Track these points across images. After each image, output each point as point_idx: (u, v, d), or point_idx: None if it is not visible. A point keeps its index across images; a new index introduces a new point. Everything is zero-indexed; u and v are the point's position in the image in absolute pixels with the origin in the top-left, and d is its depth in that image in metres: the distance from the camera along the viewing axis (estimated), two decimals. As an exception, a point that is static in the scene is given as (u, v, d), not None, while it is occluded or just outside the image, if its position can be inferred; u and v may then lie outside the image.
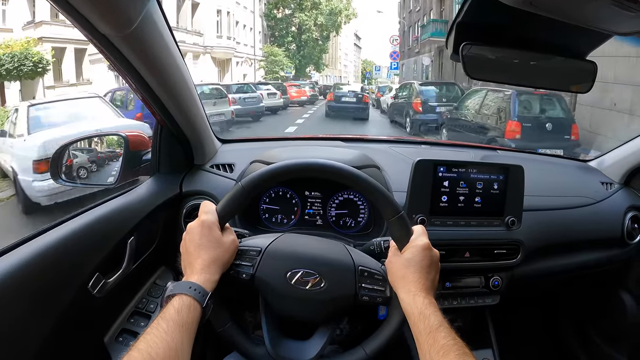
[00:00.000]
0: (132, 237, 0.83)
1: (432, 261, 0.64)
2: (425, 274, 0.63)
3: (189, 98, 0.88)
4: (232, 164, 1.08)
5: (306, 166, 0.69)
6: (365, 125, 11.36)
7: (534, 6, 0.53)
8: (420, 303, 0.59)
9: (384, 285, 0.66)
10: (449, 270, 0.99)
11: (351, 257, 0.68)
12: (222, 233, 0.65)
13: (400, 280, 0.63)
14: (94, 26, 0.58)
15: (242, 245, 0.68)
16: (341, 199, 1.02)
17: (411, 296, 0.60)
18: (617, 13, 0.51)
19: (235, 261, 0.66)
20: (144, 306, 0.89)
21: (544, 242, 1.07)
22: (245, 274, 0.65)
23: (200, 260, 0.61)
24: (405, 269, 0.63)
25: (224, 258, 0.63)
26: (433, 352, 0.54)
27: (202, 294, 0.57)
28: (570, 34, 0.68)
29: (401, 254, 0.65)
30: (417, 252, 0.63)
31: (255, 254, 0.67)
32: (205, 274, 0.60)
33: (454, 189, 0.97)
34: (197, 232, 0.63)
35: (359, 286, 0.65)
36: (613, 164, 1.30)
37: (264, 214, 1.03)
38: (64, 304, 0.67)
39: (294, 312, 0.68)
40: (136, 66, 0.71)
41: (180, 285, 0.58)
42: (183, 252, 0.65)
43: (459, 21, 0.65)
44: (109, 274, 0.77)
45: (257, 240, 0.70)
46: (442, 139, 6.96)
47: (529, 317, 1.49)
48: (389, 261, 0.67)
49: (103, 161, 1.07)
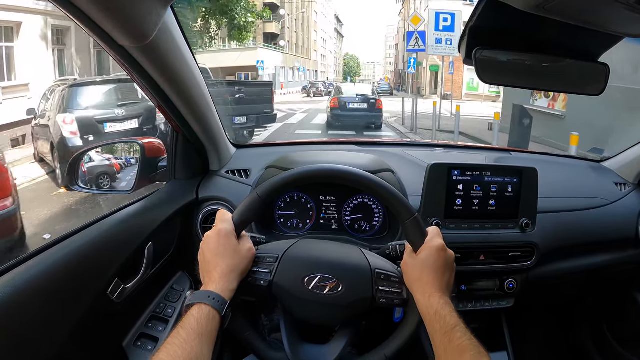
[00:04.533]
0: (150, 243, 0.83)
1: (447, 262, 0.64)
2: (440, 275, 0.63)
3: (204, 105, 0.89)
4: (248, 169, 1.08)
5: (319, 172, 0.70)
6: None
7: (547, 10, 0.52)
8: (436, 303, 0.59)
9: (400, 288, 0.66)
10: (464, 273, 0.98)
11: (367, 260, 0.68)
12: (239, 241, 0.65)
13: (416, 281, 0.63)
14: (113, 38, 0.59)
15: (259, 252, 0.68)
16: (356, 203, 1.02)
17: (427, 297, 0.60)
18: (630, 16, 0.51)
19: (252, 268, 0.66)
20: (161, 311, 0.90)
21: (558, 244, 1.06)
22: (263, 281, 0.65)
23: (219, 269, 0.61)
24: (420, 271, 0.63)
25: (242, 266, 0.63)
26: (449, 352, 0.54)
27: (221, 303, 0.57)
28: (582, 36, 0.66)
29: (416, 255, 0.65)
30: (432, 253, 0.64)
31: (272, 260, 0.67)
32: (224, 282, 0.60)
33: (468, 192, 0.96)
34: (214, 241, 0.63)
35: (375, 289, 0.65)
36: (627, 164, 1.27)
37: (280, 219, 1.03)
38: (84, 310, 0.68)
39: (312, 316, 0.68)
40: (153, 76, 0.72)
41: (200, 294, 0.58)
42: (201, 261, 0.65)
43: (472, 25, 0.64)
44: (127, 279, 0.78)
45: (273, 247, 0.70)
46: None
47: (544, 320, 1.47)
48: (404, 263, 0.67)
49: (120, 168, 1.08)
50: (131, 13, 0.55)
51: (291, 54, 31.33)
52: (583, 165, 1.36)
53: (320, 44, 44.14)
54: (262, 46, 26.20)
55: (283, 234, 1.02)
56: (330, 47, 52.58)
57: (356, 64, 78.75)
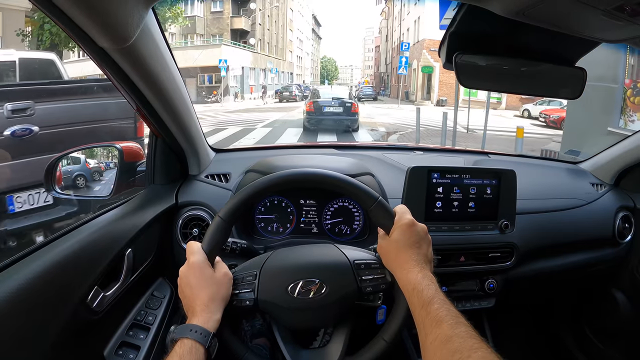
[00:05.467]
0: (129, 250, 0.89)
1: (420, 236, 0.71)
2: (416, 250, 0.70)
3: (184, 109, 0.96)
4: (228, 173, 1.17)
5: (277, 180, 0.76)
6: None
7: (526, 16, 0.61)
8: (413, 278, 0.65)
9: (382, 272, 0.74)
10: (445, 274, 1.09)
11: (344, 254, 0.76)
12: (214, 268, 0.71)
13: (394, 261, 0.70)
14: (93, 40, 0.63)
15: (236, 274, 0.74)
16: (336, 206, 1.12)
17: (405, 273, 0.67)
18: (607, 23, 0.59)
19: (234, 291, 0.72)
20: (142, 318, 0.94)
21: (537, 245, 1.19)
22: (248, 301, 0.71)
23: (199, 302, 0.67)
24: (396, 250, 0.70)
25: (221, 293, 0.69)
26: (427, 324, 0.59)
27: (204, 335, 0.63)
28: (560, 41, 0.77)
29: (389, 237, 0.72)
30: (403, 231, 0.71)
31: (251, 278, 0.73)
32: (206, 313, 0.66)
33: (448, 194, 1.07)
34: (188, 275, 0.69)
35: (359, 279, 0.73)
36: (603, 166, 1.45)
37: (260, 223, 1.12)
38: (63, 320, 0.71)
39: (305, 323, 0.74)
40: (133, 78, 0.77)
41: (182, 329, 0.64)
42: (182, 298, 0.70)
43: (452, 31, 0.74)
44: (107, 287, 0.82)
45: (249, 265, 0.76)
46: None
47: (525, 319, 1.62)
48: (379, 247, 0.75)
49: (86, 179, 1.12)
50: (113, 14, 0.59)
51: (263, 53, 30.74)
52: (560, 167, 1.54)
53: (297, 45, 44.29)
54: (228, 43, 25.37)
55: (264, 239, 1.11)
56: (307, 49, 52.76)
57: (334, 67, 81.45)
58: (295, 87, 25.89)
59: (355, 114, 10.63)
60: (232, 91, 23.72)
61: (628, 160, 1.36)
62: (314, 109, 10.47)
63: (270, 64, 31.22)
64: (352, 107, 10.56)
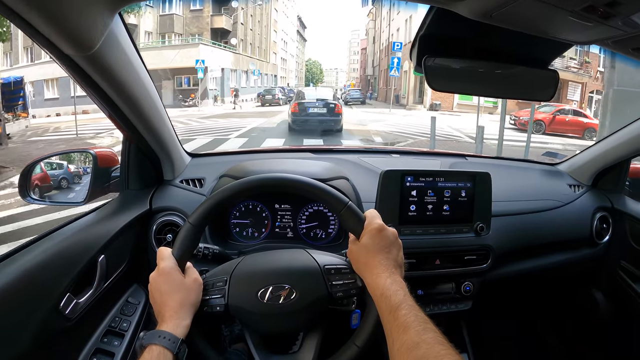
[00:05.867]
0: (102, 256, 0.92)
1: (389, 240, 0.74)
2: (385, 255, 0.72)
3: (155, 114, 0.99)
4: (202, 178, 1.22)
5: (245, 186, 0.79)
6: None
7: (494, 19, 0.63)
8: (382, 284, 0.68)
9: (353, 277, 0.77)
10: (421, 277, 1.15)
11: (314, 259, 0.79)
12: (185, 274, 0.74)
13: (364, 266, 0.73)
14: (57, 47, 0.64)
15: (206, 279, 0.77)
16: (311, 210, 1.18)
17: (374, 278, 0.70)
18: (576, 24, 0.62)
19: (204, 297, 0.75)
20: (117, 325, 0.97)
21: (513, 246, 1.26)
22: (218, 306, 0.74)
23: (168, 308, 0.70)
24: (366, 255, 0.73)
25: (191, 299, 0.72)
26: (394, 330, 0.61)
27: (173, 341, 0.65)
28: (531, 44, 0.81)
29: (359, 241, 0.75)
30: (372, 235, 0.74)
31: (222, 284, 0.76)
32: (175, 319, 0.69)
33: (422, 198, 1.13)
34: (158, 281, 0.72)
35: (329, 284, 0.76)
36: (580, 167, 1.53)
37: (235, 228, 1.17)
38: (35, 328, 0.73)
39: (276, 328, 0.77)
40: (102, 85, 0.79)
41: (150, 335, 0.66)
42: (152, 303, 0.73)
43: (422, 34, 0.78)
44: (80, 294, 0.85)
45: (219, 270, 0.79)
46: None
47: (503, 320, 1.69)
48: (350, 251, 0.77)
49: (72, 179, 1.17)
50: (74, 21, 0.60)
51: (245, 54, 30.60)
52: (537, 169, 1.62)
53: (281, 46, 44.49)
54: (207, 43, 24.74)
55: (239, 244, 1.16)
56: (292, 51, 53.28)
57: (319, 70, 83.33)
58: (278, 90, 25.65)
59: (339, 115, 11.36)
60: (211, 94, 23.45)
61: (605, 162, 1.45)
62: (299, 109, 11.27)
63: (252, 65, 30.97)
64: (336, 107, 11.31)
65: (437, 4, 0.66)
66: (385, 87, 32.36)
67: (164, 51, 22.11)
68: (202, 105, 21.29)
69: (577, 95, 20.28)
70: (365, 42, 53.59)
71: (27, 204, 2.50)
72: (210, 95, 23.30)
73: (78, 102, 12.38)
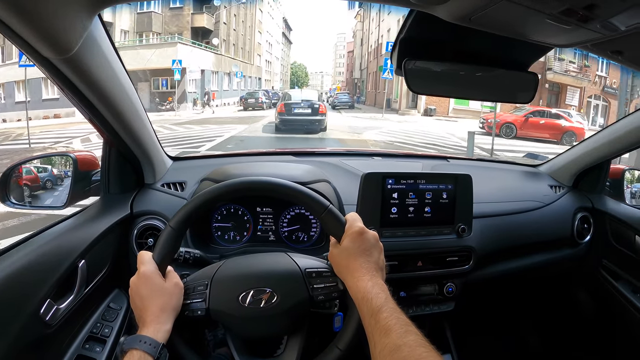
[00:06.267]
0: (82, 261, 0.94)
1: (370, 243, 0.78)
2: (366, 258, 0.76)
3: (135, 117, 1.03)
4: (184, 182, 1.26)
5: (226, 189, 0.82)
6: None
7: (473, 22, 0.67)
8: (363, 287, 0.71)
9: (334, 280, 0.81)
10: (403, 279, 1.22)
11: (295, 262, 0.83)
12: (166, 278, 0.77)
13: (345, 269, 0.76)
14: (36, 49, 0.67)
15: (187, 283, 0.80)
16: (292, 214, 1.23)
17: (355, 281, 0.73)
18: (555, 27, 0.65)
19: (185, 301, 0.78)
20: (98, 331, 1.00)
21: (495, 247, 1.33)
22: (199, 311, 0.77)
23: (149, 312, 0.72)
24: (347, 258, 0.76)
25: (171, 303, 0.75)
26: (375, 333, 0.64)
27: (153, 346, 0.68)
28: (511, 47, 0.87)
29: (340, 244, 0.78)
30: (353, 239, 0.77)
31: (203, 288, 0.79)
32: (156, 324, 0.71)
33: (403, 200, 1.19)
34: (139, 285, 0.75)
35: (311, 288, 0.80)
36: (561, 168, 1.63)
37: (217, 231, 1.22)
38: (15, 334, 0.75)
39: (257, 332, 0.81)
40: (81, 88, 0.82)
41: (131, 339, 0.69)
42: (133, 308, 0.76)
43: (402, 37, 0.83)
44: (60, 299, 0.88)
45: (201, 274, 0.82)
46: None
47: (488, 320, 1.77)
48: (330, 255, 0.81)
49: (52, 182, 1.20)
50: (52, 24, 0.62)
51: (228, 55, 30.29)
52: (519, 170, 1.71)
53: (266, 48, 44.47)
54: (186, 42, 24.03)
55: (221, 247, 1.20)
56: (277, 53, 54.10)
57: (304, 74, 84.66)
58: (262, 93, 25.36)
59: (323, 115, 12.70)
60: (190, 97, 22.97)
61: (586, 163, 1.53)
62: (285, 109, 12.48)
63: (235, 67, 30.68)
64: (320, 108, 12.63)
65: (416, 7, 0.70)
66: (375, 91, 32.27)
67: (140, 51, 21.53)
68: (179, 109, 20.80)
69: (576, 100, 20.48)
70: (352, 45, 54.21)
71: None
72: (189, 98, 22.85)
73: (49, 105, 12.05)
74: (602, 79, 20.45)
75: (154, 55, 21.23)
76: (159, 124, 14.41)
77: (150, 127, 1.14)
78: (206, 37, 27.68)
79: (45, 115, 14.90)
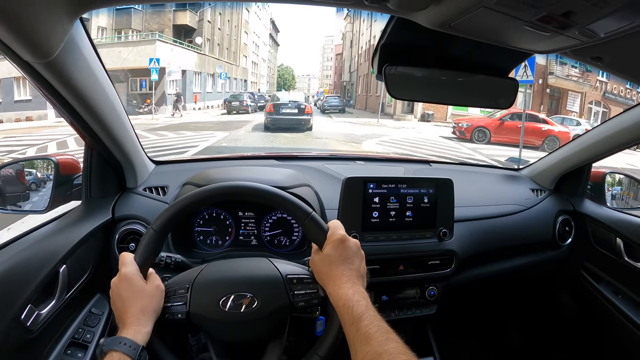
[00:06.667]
0: (63, 266, 0.97)
1: (352, 251, 0.81)
2: (348, 265, 0.79)
3: (117, 121, 1.07)
4: (165, 186, 1.31)
5: (210, 192, 0.86)
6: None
7: (452, 28, 0.70)
8: (344, 295, 0.74)
9: (315, 287, 0.84)
10: (385, 283, 1.28)
11: (277, 268, 0.86)
12: (147, 280, 0.81)
13: (326, 277, 0.80)
14: (16, 53, 0.69)
15: (168, 286, 0.83)
16: (275, 218, 1.28)
17: (336, 289, 0.76)
18: (533, 34, 0.68)
19: (166, 304, 0.81)
20: (80, 336, 1.03)
21: (477, 251, 1.40)
22: (180, 314, 0.81)
23: (129, 314, 0.75)
24: (328, 265, 0.80)
25: (152, 306, 0.78)
26: (356, 341, 0.67)
27: (133, 348, 0.71)
28: (491, 53, 0.91)
29: (322, 252, 0.82)
30: (335, 246, 0.81)
31: (184, 291, 0.82)
32: (136, 326, 0.74)
33: (384, 204, 1.25)
34: (120, 286, 0.78)
35: (291, 294, 0.83)
36: (542, 172, 1.72)
37: (199, 236, 1.26)
38: None
39: (237, 336, 0.85)
40: (62, 92, 0.86)
41: (111, 341, 0.71)
42: (114, 309, 0.79)
43: (383, 43, 0.89)
44: (41, 305, 0.91)
45: (182, 278, 0.86)
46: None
47: (471, 323, 1.85)
48: (312, 261, 0.84)
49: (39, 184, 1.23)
50: (33, 28, 0.64)
51: (212, 56, 29.70)
52: (501, 174, 1.80)
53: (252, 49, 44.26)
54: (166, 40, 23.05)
55: (203, 252, 1.25)
56: (264, 55, 53.83)
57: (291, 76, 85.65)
58: (247, 95, 24.67)
59: (309, 114, 14.49)
60: (170, 100, 21.85)
61: (567, 166, 1.63)
62: (274, 109, 14.29)
63: (219, 68, 29.75)
64: (306, 108, 14.49)
65: (395, 13, 0.73)
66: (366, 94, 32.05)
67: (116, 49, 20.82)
68: (158, 112, 19.99)
69: (577, 106, 20.68)
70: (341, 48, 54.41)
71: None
72: (169, 101, 21.86)
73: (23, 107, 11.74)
74: (603, 85, 20.66)
75: (131, 54, 20.70)
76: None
77: (132, 130, 1.18)
78: (189, 36, 26.96)
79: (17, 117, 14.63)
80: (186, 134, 12.95)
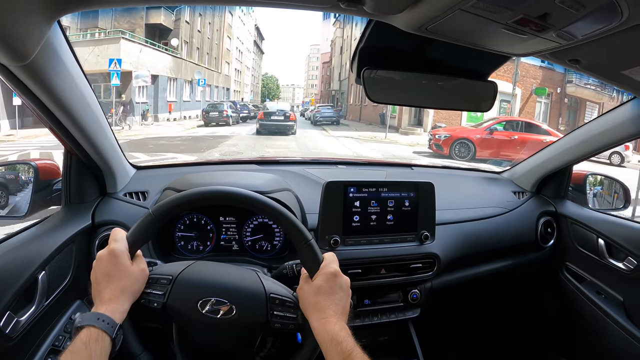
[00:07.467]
0: (43, 272, 1.03)
1: (341, 287, 0.87)
2: (335, 300, 0.85)
3: (96, 126, 1.14)
4: (146, 191, 1.40)
5: (218, 193, 0.92)
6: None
7: (430, 32, 0.75)
8: (331, 329, 0.79)
9: (295, 313, 0.88)
10: (367, 287, 1.37)
11: (262, 284, 0.91)
12: (133, 261, 0.85)
13: (312, 307, 0.84)
14: None
15: (152, 273, 0.88)
16: (256, 223, 1.38)
17: (322, 323, 0.81)
18: (511, 37, 0.73)
19: (146, 290, 0.85)
20: (61, 343, 1.07)
21: (460, 253, 1.52)
22: (156, 303, 0.85)
23: (109, 290, 0.80)
24: (316, 297, 0.85)
25: (133, 287, 0.83)
26: None
27: (111, 325, 0.75)
28: (470, 56, 1.00)
29: (312, 281, 0.87)
30: (326, 279, 0.86)
31: (166, 282, 0.87)
32: (114, 304, 0.78)
33: (365, 208, 1.36)
34: (106, 261, 0.82)
35: (270, 313, 0.87)
36: (524, 174, 1.86)
37: (180, 241, 1.35)
38: None
39: (207, 340, 0.90)
40: (39, 96, 0.91)
41: (88, 316, 0.75)
42: (93, 281, 0.83)
43: (362, 46, 0.96)
44: (21, 312, 0.96)
45: (168, 269, 0.91)
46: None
47: (455, 325, 1.97)
48: (300, 289, 0.89)
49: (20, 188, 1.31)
50: (9, 30, 0.66)
51: (190, 60, 28.39)
52: (482, 177, 1.94)
53: (235, 56, 43.84)
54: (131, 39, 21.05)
55: (183, 257, 1.33)
56: (248, 63, 54.31)
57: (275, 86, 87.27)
58: (227, 105, 23.27)
59: (293, 121, 18.93)
60: (139, 109, 20.62)
61: (548, 168, 1.77)
62: (264, 116, 18.87)
63: (198, 74, 28.53)
64: (291, 116, 19.10)
65: (372, 17, 0.79)
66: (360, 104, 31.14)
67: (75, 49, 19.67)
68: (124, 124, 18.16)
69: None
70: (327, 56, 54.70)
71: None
72: (137, 110, 20.38)
73: None
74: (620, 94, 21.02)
75: (91, 55, 18.43)
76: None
77: (112, 135, 1.26)
78: (164, 37, 25.69)
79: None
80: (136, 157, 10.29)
